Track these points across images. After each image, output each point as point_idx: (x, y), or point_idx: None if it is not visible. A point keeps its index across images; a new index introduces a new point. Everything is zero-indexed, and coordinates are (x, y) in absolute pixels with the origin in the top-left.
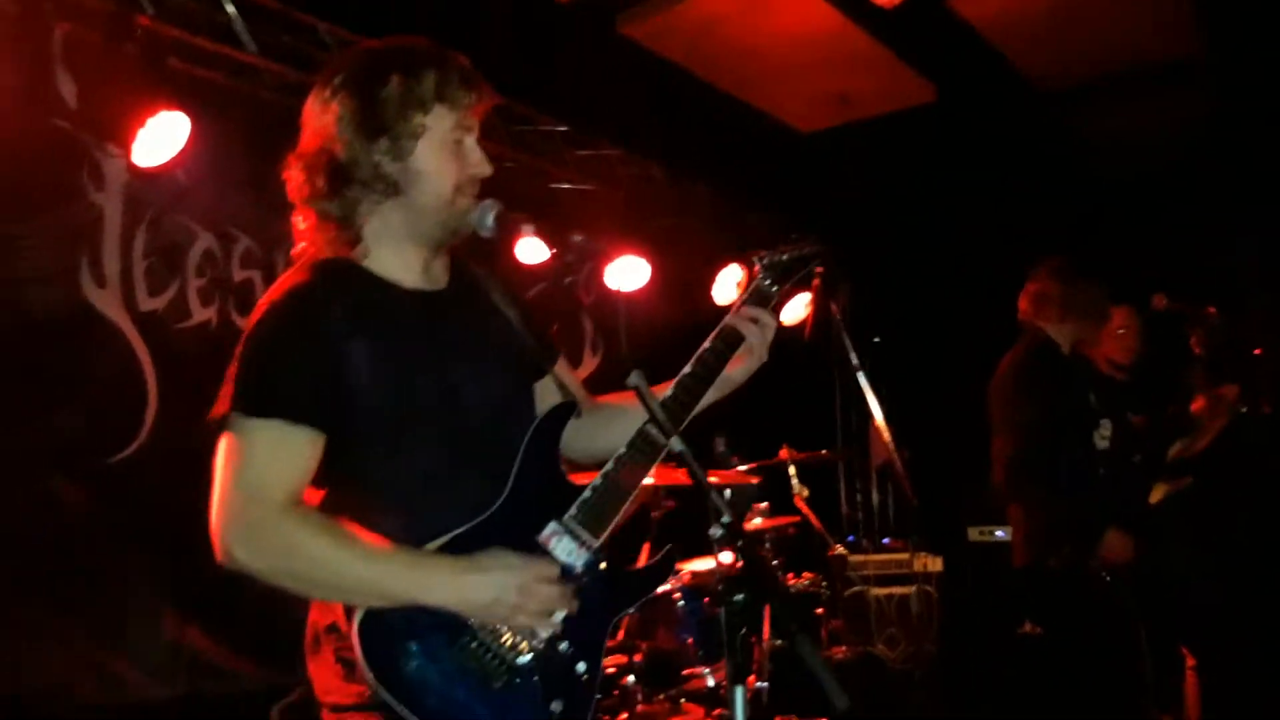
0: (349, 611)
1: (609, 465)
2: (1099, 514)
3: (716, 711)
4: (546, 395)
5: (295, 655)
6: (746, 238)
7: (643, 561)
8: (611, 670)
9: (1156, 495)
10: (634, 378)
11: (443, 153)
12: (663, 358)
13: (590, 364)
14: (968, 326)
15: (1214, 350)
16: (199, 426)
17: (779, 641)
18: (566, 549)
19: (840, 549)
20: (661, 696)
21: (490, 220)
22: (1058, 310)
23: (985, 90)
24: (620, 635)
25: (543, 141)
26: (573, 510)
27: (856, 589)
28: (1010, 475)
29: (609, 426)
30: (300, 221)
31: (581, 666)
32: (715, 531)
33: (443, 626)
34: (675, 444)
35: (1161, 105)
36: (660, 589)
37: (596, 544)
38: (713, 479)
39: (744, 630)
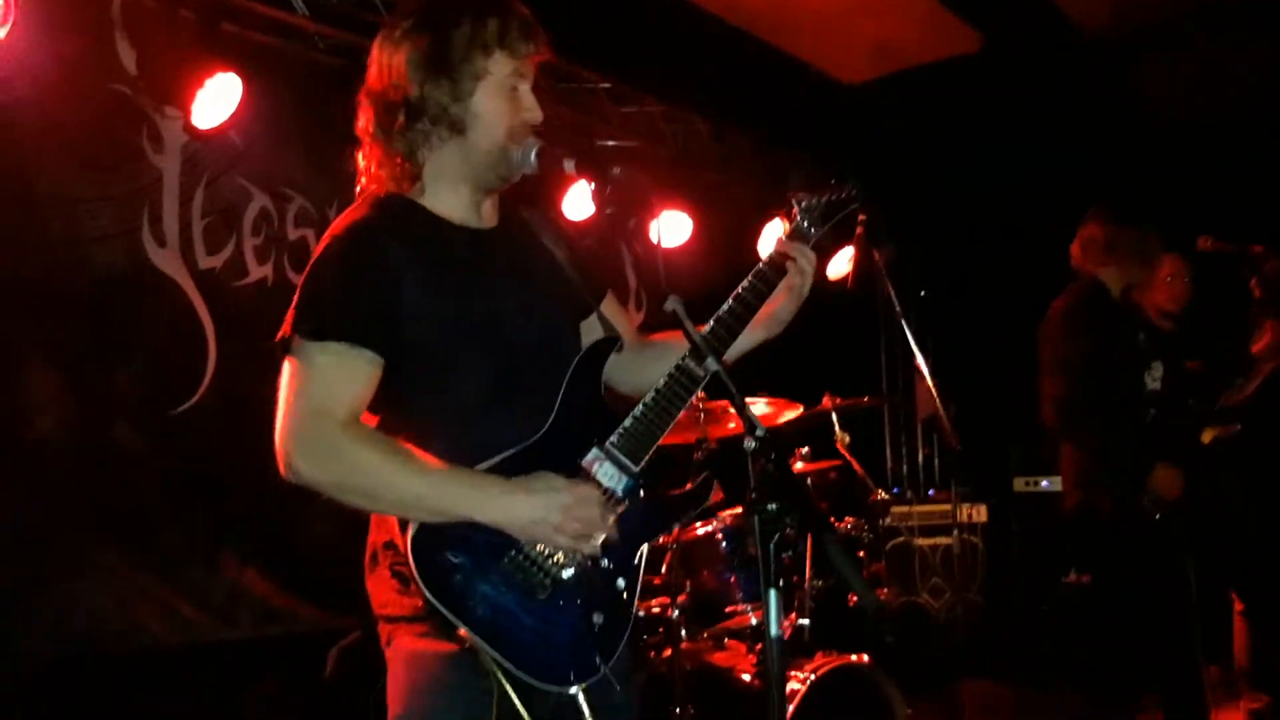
0: (404, 528)
1: (649, 395)
2: (1149, 451)
3: (759, 648)
4: (592, 333)
5: (353, 598)
6: (791, 191)
7: None
8: (657, 609)
9: (1206, 438)
10: (671, 302)
11: (499, 97)
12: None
13: (635, 319)
14: (1014, 279)
15: (1272, 290)
16: (256, 379)
17: (819, 582)
18: (608, 474)
19: (881, 494)
20: (705, 634)
21: (533, 157)
22: (1103, 252)
23: (1033, 38)
24: (664, 575)
25: (587, 98)
26: (614, 438)
27: (901, 539)
28: (1060, 415)
29: (656, 363)
30: (364, 158)
31: (621, 583)
32: (749, 444)
33: (491, 541)
34: (710, 364)
35: (1215, 53)
36: (697, 520)
37: (636, 469)
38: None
39: (776, 537)
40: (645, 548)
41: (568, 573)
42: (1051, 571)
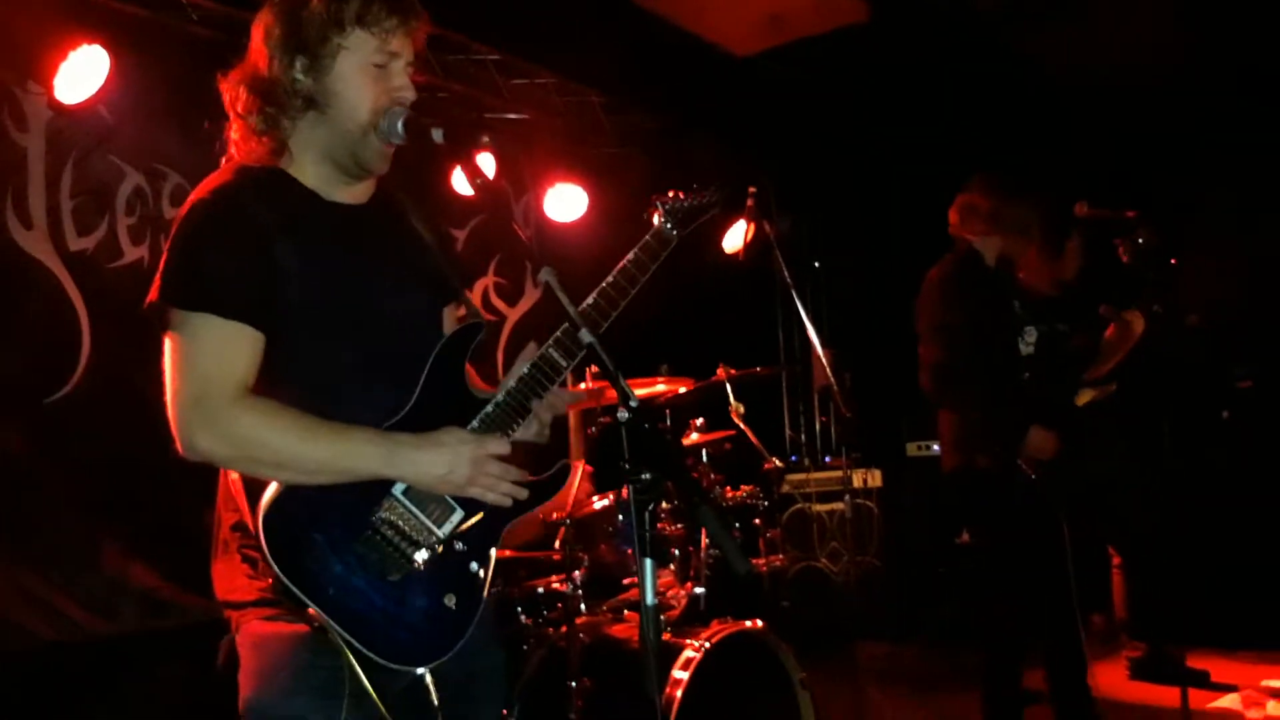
0: (254, 508)
1: (511, 382)
2: (1024, 413)
3: None
4: (454, 321)
5: None
6: (687, 165)
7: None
8: (556, 585)
9: (1082, 400)
10: (545, 274)
11: (361, 75)
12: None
13: (532, 296)
14: (909, 247)
15: (1140, 259)
16: (134, 365)
17: (715, 551)
18: None
19: (775, 462)
20: (604, 607)
21: (399, 127)
22: (984, 224)
23: (918, 6)
24: (560, 551)
25: (476, 70)
26: (475, 422)
27: (799, 506)
28: (937, 379)
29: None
30: (233, 133)
31: (475, 566)
32: (622, 414)
33: (345, 520)
34: (585, 336)
35: (1100, 24)
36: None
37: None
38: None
39: (650, 506)
40: (500, 533)
41: (421, 555)
42: (944, 533)
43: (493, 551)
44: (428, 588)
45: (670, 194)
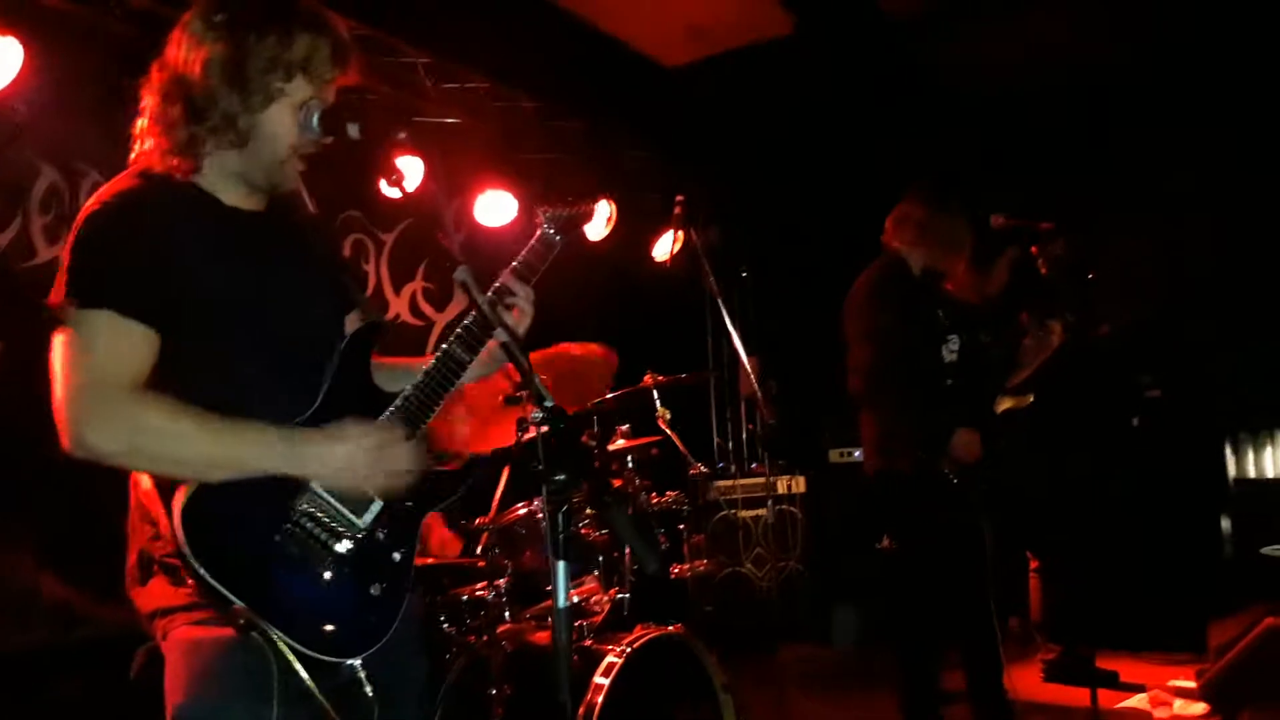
0: (170, 512)
1: (419, 377)
2: (948, 418)
3: (579, 624)
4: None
5: None
6: (616, 173)
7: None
8: (480, 593)
9: (1001, 408)
10: (460, 273)
11: (291, 116)
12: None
13: (460, 301)
14: (834, 257)
15: (1057, 271)
16: (46, 370)
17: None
18: None
19: (701, 468)
20: (527, 615)
21: (315, 121)
22: (914, 234)
23: (840, 20)
24: (484, 558)
25: (405, 74)
26: (383, 418)
27: (724, 513)
28: (864, 384)
29: (390, 384)
30: (145, 135)
31: (398, 555)
32: (536, 415)
33: (266, 514)
34: (500, 335)
35: (1010, 30)
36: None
37: None
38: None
39: (565, 508)
40: (420, 523)
41: (344, 545)
42: (866, 537)
43: (415, 540)
44: (353, 578)
45: (553, 203)
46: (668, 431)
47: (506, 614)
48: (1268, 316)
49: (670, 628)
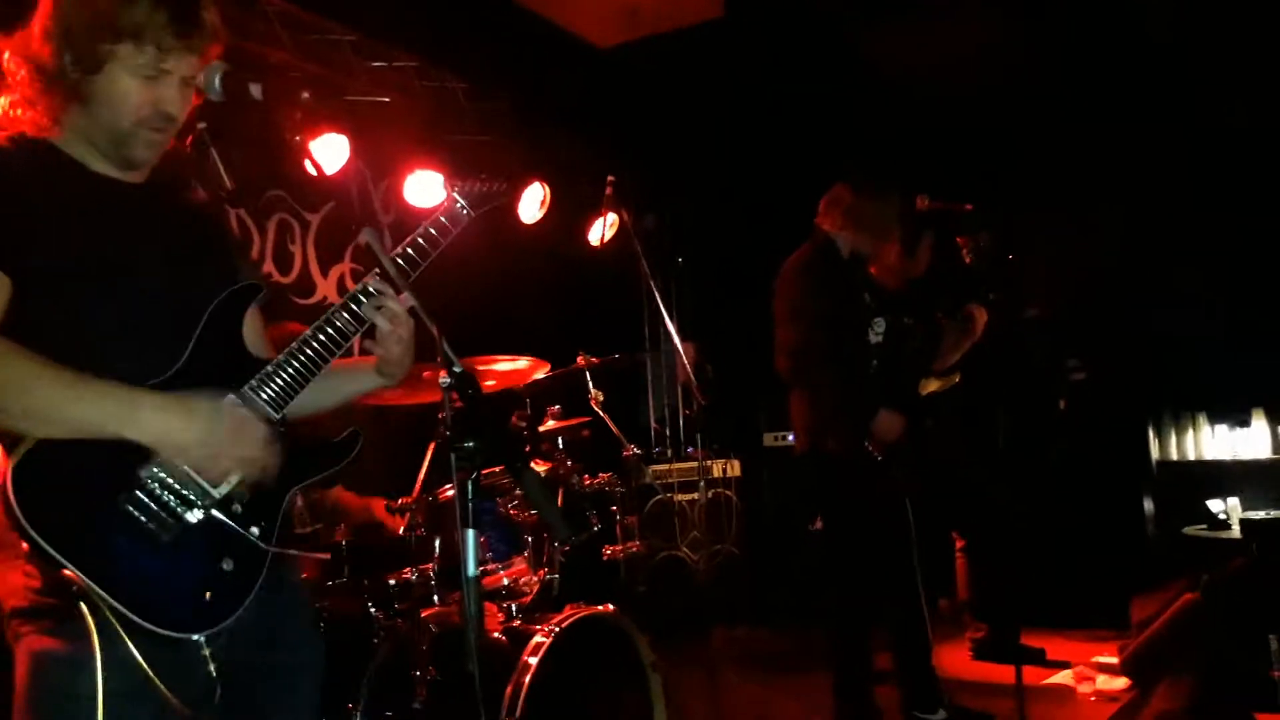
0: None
1: (299, 341)
2: (873, 398)
3: (508, 605)
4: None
5: None
6: (548, 156)
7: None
8: (408, 575)
9: (927, 389)
10: (365, 234)
11: (129, 81)
12: (463, 274)
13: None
14: (767, 243)
15: (981, 257)
16: None
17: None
18: None
19: (633, 449)
20: (455, 597)
21: (217, 82)
22: (844, 216)
23: (769, 4)
24: (411, 538)
25: (331, 51)
26: (254, 381)
27: (660, 496)
28: (793, 362)
29: (318, 386)
30: (5, 98)
31: (256, 530)
32: (444, 380)
33: (111, 476)
34: (409, 299)
35: (935, 23)
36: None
37: (277, 417)
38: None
39: (475, 475)
40: (287, 497)
41: (195, 515)
42: (798, 519)
43: (278, 515)
44: (202, 551)
45: (468, 179)
46: (600, 413)
47: (435, 598)
48: (1192, 302)
49: (600, 608)
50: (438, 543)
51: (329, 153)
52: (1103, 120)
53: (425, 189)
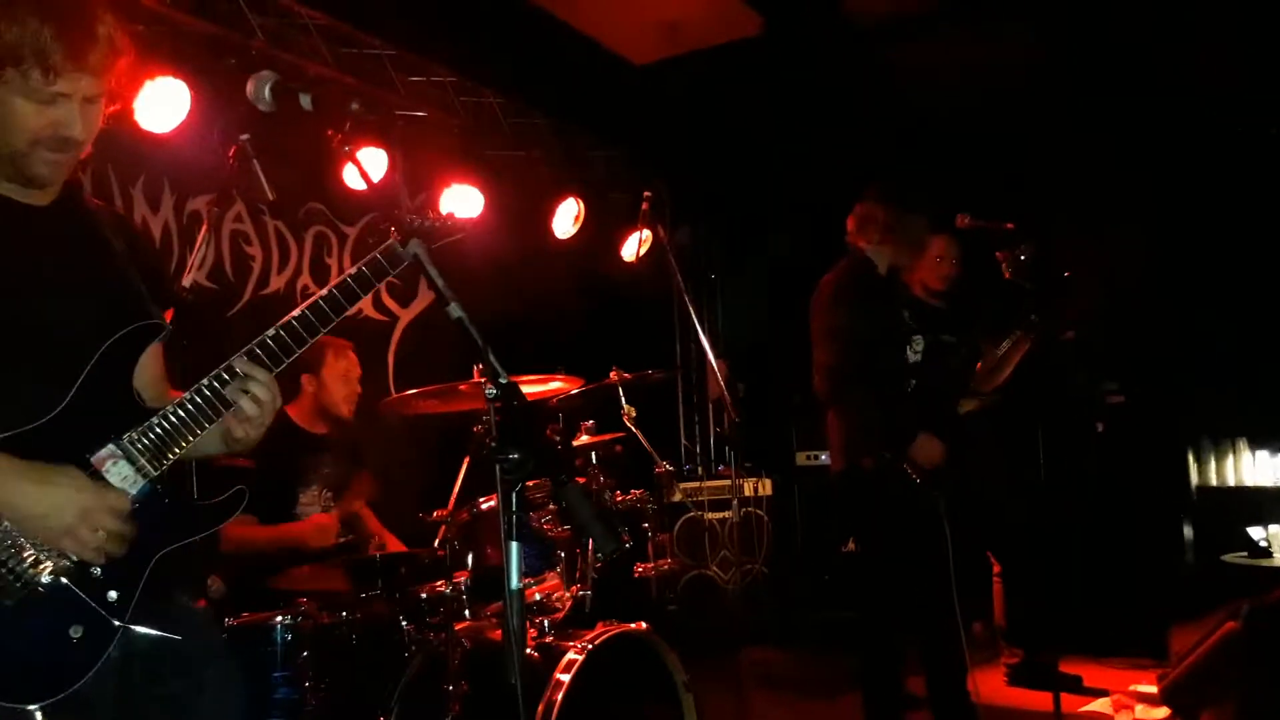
0: None
1: (188, 393)
2: (912, 419)
3: (540, 619)
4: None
5: None
6: (585, 170)
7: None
8: (441, 589)
9: (965, 409)
10: (414, 246)
11: (22, 104)
12: (497, 288)
13: (426, 297)
14: (803, 259)
15: (1021, 273)
16: None
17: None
18: (121, 473)
19: (666, 466)
20: (488, 611)
21: (267, 94)
22: (878, 233)
23: (806, 22)
24: (444, 553)
25: (372, 65)
26: (135, 433)
27: (692, 514)
28: (829, 382)
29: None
30: None
31: (113, 595)
32: (490, 391)
33: None
34: (455, 311)
35: (971, 38)
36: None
37: (155, 473)
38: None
39: (519, 486)
40: (153, 559)
41: (45, 579)
42: (831, 541)
43: (140, 579)
44: (50, 616)
45: (411, 210)
46: (633, 429)
47: (466, 611)
48: (1232, 324)
49: (633, 625)
50: (470, 557)
51: (369, 166)
52: (1143, 140)
53: (462, 203)
